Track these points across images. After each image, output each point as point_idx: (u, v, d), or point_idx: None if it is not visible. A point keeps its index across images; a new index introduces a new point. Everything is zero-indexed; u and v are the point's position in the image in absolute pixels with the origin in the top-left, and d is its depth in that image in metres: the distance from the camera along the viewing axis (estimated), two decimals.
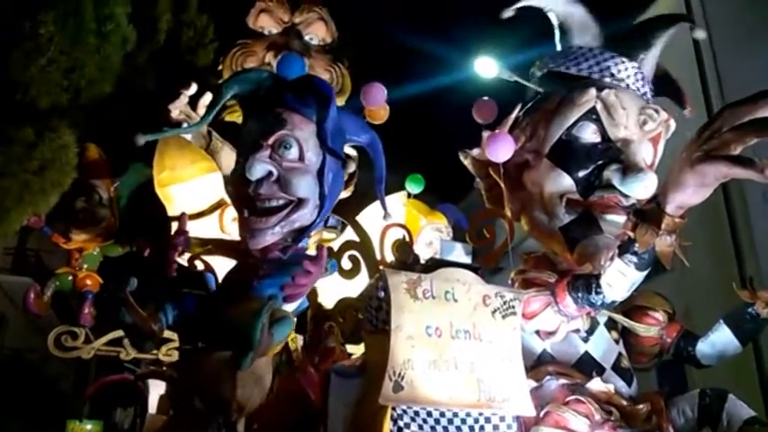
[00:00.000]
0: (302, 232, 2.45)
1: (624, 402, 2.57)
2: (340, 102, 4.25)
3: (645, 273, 2.30)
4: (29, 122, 3.81)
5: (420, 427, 2.28)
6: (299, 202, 2.38)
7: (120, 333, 3.85)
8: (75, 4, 4.07)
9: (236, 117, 4.31)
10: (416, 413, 2.29)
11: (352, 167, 3.23)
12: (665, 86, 3.11)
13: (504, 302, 2.44)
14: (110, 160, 4.08)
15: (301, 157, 2.39)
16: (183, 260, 3.54)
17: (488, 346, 2.36)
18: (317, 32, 4.45)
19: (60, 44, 4.03)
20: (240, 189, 2.38)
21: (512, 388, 2.34)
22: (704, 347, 2.83)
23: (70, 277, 3.94)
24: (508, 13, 3.11)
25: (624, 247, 2.27)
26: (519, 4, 3.16)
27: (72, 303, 4.05)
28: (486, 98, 3.15)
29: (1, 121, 3.83)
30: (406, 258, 2.63)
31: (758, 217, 4.62)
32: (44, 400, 3.95)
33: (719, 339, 2.80)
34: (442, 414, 2.31)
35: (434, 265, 2.47)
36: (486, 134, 2.93)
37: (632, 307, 2.82)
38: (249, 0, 4.55)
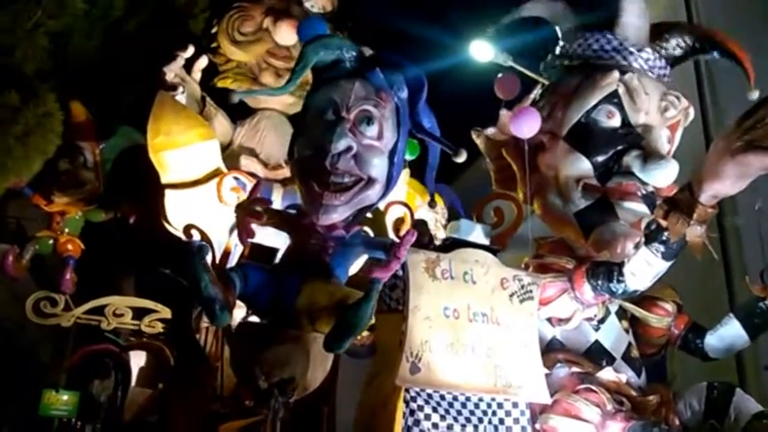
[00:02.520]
0: (363, 211, 2.35)
1: (634, 393, 2.53)
2: None
3: (670, 263, 2.25)
4: (14, 87, 3.65)
5: (434, 410, 2.20)
6: (369, 182, 2.26)
7: (103, 301, 3.69)
8: None
9: (228, 83, 4.16)
10: (430, 396, 2.22)
11: None
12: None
13: (522, 286, 2.38)
14: (96, 122, 3.90)
15: (380, 136, 2.26)
16: (176, 230, 3.43)
17: (506, 331, 2.29)
18: (317, 0, 4.29)
19: (48, 8, 3.89)
20: (313, 161, 2.21)
21: (528, 374, 2.28)
22: (712, 340, 2.80)
23: (51, 241, 3.76)
24: (506, 19, 3.04)
25: (652, 236, 2.21)
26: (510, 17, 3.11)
27: (50, 269, 3.88)
28: (508, 74, 3.06)
29: None
30: (422, 237, 2.54)
31: (746, 231, 4.62)
32: (20, 370, 3.78)
33: (728, 333, 2.78)
34: (455, 398, 2.24)
35: (452, 245, 2.39)
36: (504, 111, 2.84)
37: (642, 297, 2.76)
38: None
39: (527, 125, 2.62)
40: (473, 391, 2.19)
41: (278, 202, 3.76)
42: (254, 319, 2.24)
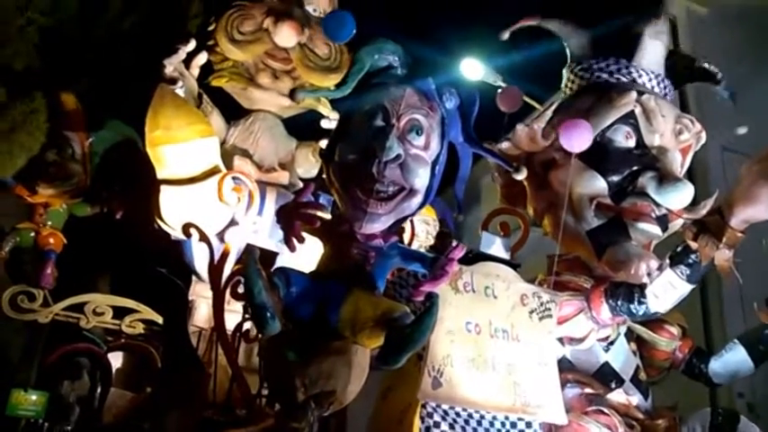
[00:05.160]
0: (400, 222, 2.27)
1: (642, 416, 2.50)
2: (335, 80, 4.05)
3: (693, 286, 2.24)
4: (1, 83, 3.54)
5: (450, 426, 2.14)
6: (411, 192, 2.15)
7: (84, 298, 3.55)
8: None
9: (223, 82, 4.06)
10: (446, 412, 2.15)
11: None
12: (691, 73, 3.05)
13: (541, 303, 2.33)
14: (86, 114, 3.76)
15: (427, 146, 2.18)
16: (170, 228, 3.31)
17: (525, 349, 2.24)
18: (319, 3, 4.21)
19: (40, 5, 3.80)
20: (359, 166, 2.11)
21: (546, 394, 2.23)
22: (716, 366, 2.80)
23: (32, 233, 3.61)
24: (505, 35, 3.02)
25: (679, 258, 2.19)
26: (516, 27, 3.08)
27: (27, 263, 3.72)
28: (510, 86, 3.03)
29: None
30: (444, 248, 2.48)
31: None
32: None
33: (733, 359, 2.78)
34: (471, 415, 2.18)
35: (474, 258, 2.33)
36: (520, 126, 2.80)
37: (648, 319, 2.75)
38: None
39: (578, 139, 2.48)
40: (493, 409, 2.13)
41: (271, 206, 3.69)
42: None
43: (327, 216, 2.24)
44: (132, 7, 4.36)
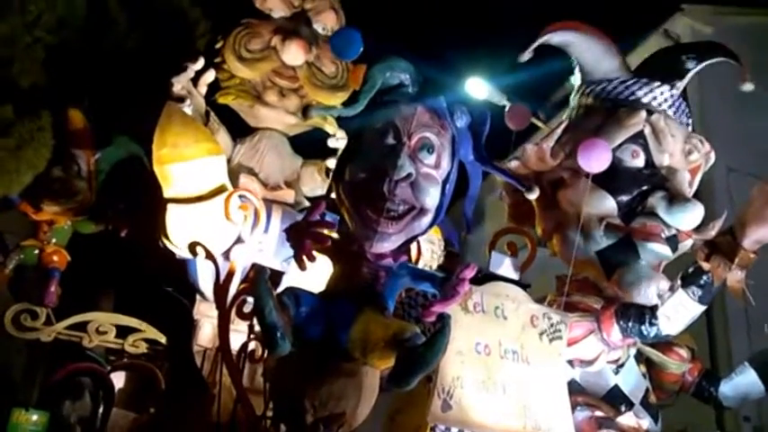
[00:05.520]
0: (409, 241, 2.25)
1: None
2: (342, 99, 4.06)
3: (705, 308, 2.21)
4: (8, 100, 3.57)
5: None
6: (421, 211, 2.13)
7: (87, 317, 3.52)
8: None
9: (230, 100, 4.06)
10: None
11: None
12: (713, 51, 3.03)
13: (551, 325, 2.31)
14: (93, 132, 3.76)
15: (437, 165, 2.16)
16: (176, 247, 3.29)
17: (535, 371, 2.22)
18: (327, 22, 4.20)
19: (48, 23, 3.83)
20: (369, 185, 2.09)
21: (557, 417, 2.20)
22: (727, 389, 2.77)
23: (36, 251, 3.57)
24: (526, 55, 3.00)
25: (690, 279, 2.17)
26: (537, 43, 3.07)
27: (30, 281, 3.69)
28: (518, 103, 3.02)
29: None
30: (452, 268, 2.46)
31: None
32: None
33: (743, 381, 2.75)
34: None
35: (483, 277, 2.31)
36: (529, 146, 2.79)
37: (657, 341, 2.72)
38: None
39: (597, 159, 2.48)
40: None
41: (276, 224, 3.67)
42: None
43: (335, 235, 2.22)
44: (138, 25, 4.38)
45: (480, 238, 3.17)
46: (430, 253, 4.00)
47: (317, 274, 2.35)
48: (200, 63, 3.51)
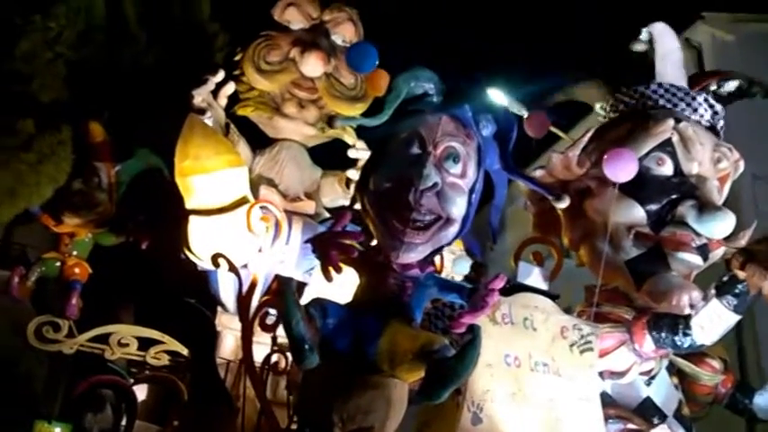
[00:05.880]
0: (436, 252, 2.20)
1: None
2: (361, 109, 4.04)
3: (740, 317, 2.16)
4: (29, 115, 3.60)
5: None
6: (447, 221, 2.08)
7: (109, 329, 3.50)
8: (88, 2, 3.95)
9: (249, 112, 4.06)
10: None
11: None
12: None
13: (582, 336, 2.26)
14: (114, 144, 3.76)
15: (464, 174, 2.12)
16: (198, 258, 3.28)
17: (567, 384, 2.17)
18: (345, 33, 4.21)
19: (69, 39, 3.87)
20: (394, 195, 2.05)
21: (589, 431, 2.15)
22: (761, 401, 2.71)
23: (58, 263, 3.57)
24: (640, 45, 2.96)
25: (725, 288, 2.12)
26: (645, 32, 3.03)
27: (51, 294, 3.69)
28: (537, 111, 2.99)
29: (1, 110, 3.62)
30: (481, 279, 2.42)
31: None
32: (14, 400, 3.56)
33: None
34: None
35: (510, 288, 2.27)
36: (554, 154, 2.76)
37: (691, 352, 2.66)
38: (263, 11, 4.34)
39: (623, 169, 2.44)
40: None
41: (297, 236, 3.65)
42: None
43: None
44: (157, 40, 4.40)
45: (501, 248, 3.12)
46: (452, 264, 3.97)
47: (337, 286, 2.33)
48: (221, 75, 3.51)
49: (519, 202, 3.25)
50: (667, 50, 2.87)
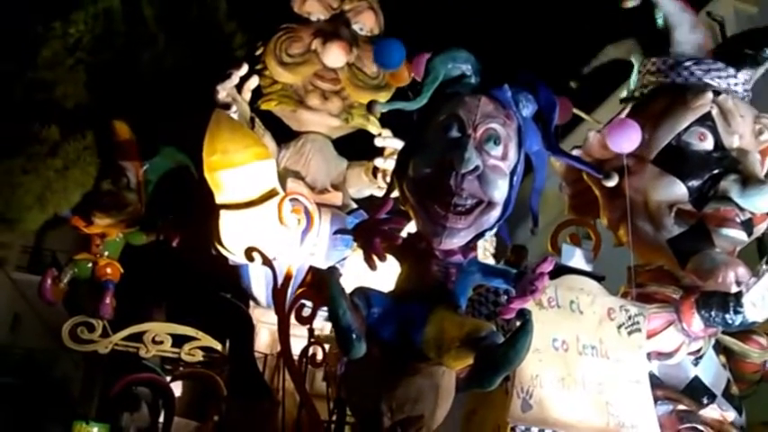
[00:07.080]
0: (479, 237, 2.16)
1: None
2: (385, 98, 3.99)
3: None
4: (54, 122, 3.63)
5: None
6: (489, 205, 2.01)
7: (143, 327, 3.50)
8: (106, 5, 3.96)
9: (272, 106, 4.03)
10: None
11: None
12: None
13: (629, 317, 2.21)
14: (139, 142, 3.77)
15: (504, 156, 2.05)
16: (230, 253, 3.26)
17: (616, 366, 2.12)
18: (366, 22, 4.17)
19: (89, 45, 3.88)
20: (435, 180, 1.99)
21: (640, 413, 2.11)
22: None
23: (89, 264, 3.59)
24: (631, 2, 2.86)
25: None
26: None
27: (85, 295, 3.70)
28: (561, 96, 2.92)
29: (26, 118, 3.65)
30: (522, 263, 2.38)
31: None
32: (52, 402, 3.59)
33: None
34: None
35: (555, 271, 2.21)
36: (591, 133, 2.69)
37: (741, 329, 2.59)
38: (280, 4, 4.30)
39: (627, 139, 2.42)
40: (586, 430, 2.00)
41: (326, 227, 3.62)
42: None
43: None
44: (176, 40, 4.40)
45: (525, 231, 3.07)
46: (482, 250, 3.92)
47: (371, 275, 2.28)
48: (244, 70, 3.49)
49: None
50: (670, 11, 2.79)
